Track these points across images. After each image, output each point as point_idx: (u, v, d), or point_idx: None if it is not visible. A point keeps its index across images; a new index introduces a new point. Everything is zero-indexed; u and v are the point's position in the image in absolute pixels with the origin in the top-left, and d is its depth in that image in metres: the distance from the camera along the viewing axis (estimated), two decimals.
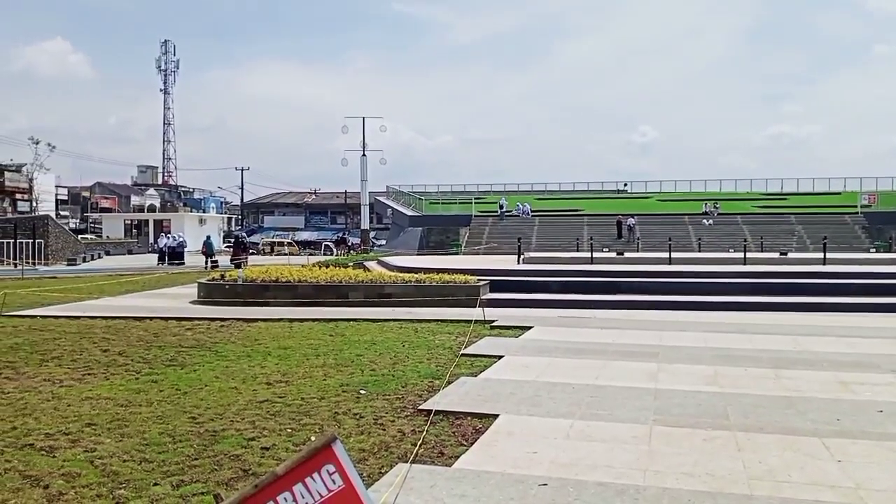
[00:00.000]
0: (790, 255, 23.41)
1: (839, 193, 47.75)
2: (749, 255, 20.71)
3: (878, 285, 15.58)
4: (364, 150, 46.92)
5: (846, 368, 8.25)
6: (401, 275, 17.27)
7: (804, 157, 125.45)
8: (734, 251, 24.75)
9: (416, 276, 16.51)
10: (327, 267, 19.28)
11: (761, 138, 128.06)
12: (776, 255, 23.36)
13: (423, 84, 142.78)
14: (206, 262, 31.24)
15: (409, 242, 43.44)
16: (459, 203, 50.68)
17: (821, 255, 20.21)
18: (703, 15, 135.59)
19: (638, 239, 38.91)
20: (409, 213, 49.80)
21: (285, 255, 45.07)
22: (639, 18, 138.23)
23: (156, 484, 4.58)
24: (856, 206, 44.34)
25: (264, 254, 49.66)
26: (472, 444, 5.39)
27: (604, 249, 29.26)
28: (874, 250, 34.65)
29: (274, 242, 55.51)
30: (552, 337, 10.82)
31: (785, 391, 7.13)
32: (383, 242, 55.61)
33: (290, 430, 5.79)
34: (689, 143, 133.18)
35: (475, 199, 51.07)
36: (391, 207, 53.15)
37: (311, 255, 43.80)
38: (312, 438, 5.40)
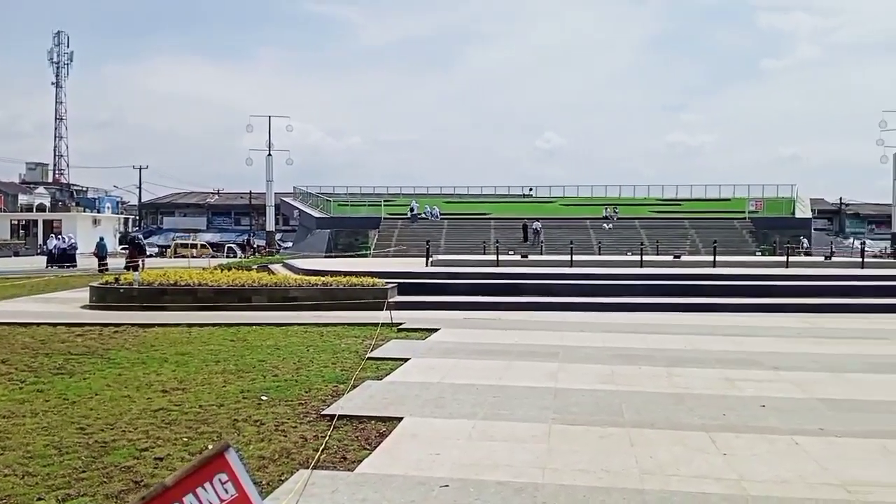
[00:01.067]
0: (683, 257, 24.55)
1: (729, 200, 50.52)
2: (645, 258, 21.57)
3: (762, 286, 16.60)
4: (270, 150, 46.02)
5: (732, 366, 8.73)
6: (307, 277, 17.03)
7: (698, 165, 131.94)
8: (631, 254, 25.74)
9: (322, 278, 16.31)
10: (229, 270, 18.77)
11: (659, 146, 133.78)
12: (670, 257, 24.44)
13: (333, 85, 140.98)
14: (99, 265, 29.79)
15: (316, 245, 42.83)
16: (368, 205, 50.45)
17: (711, 258, 21.29)
18: (606, 27, 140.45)
19: (542, 242, 39.85)
20: (317, 214, 49.12)
21: (194, 257, 43.36)
22: (546, 28, 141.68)
23: (40, 499, 4.34)
24: (744, 212, 47.08)
25: (168, 256, 47.85)
26: (376, 447, 5.37)
27: (509, 252, 29.80)
28: (759, 254, 36.84)
29: (186, 244, 53.49)
30: (458, 339, 10.93)
31: (676, 388, 7.47)
32: (290, 245, 54.59)
33: (186, 440, 5.60)
34: (592, 149, 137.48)
35: (384, 201, 50.96)
36: (298, 209, 52.25)
37: (213, 257, 42.51)
38: (210, 447, 5.25)
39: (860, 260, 22.17)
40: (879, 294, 16.03)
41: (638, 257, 21.62)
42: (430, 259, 22.97)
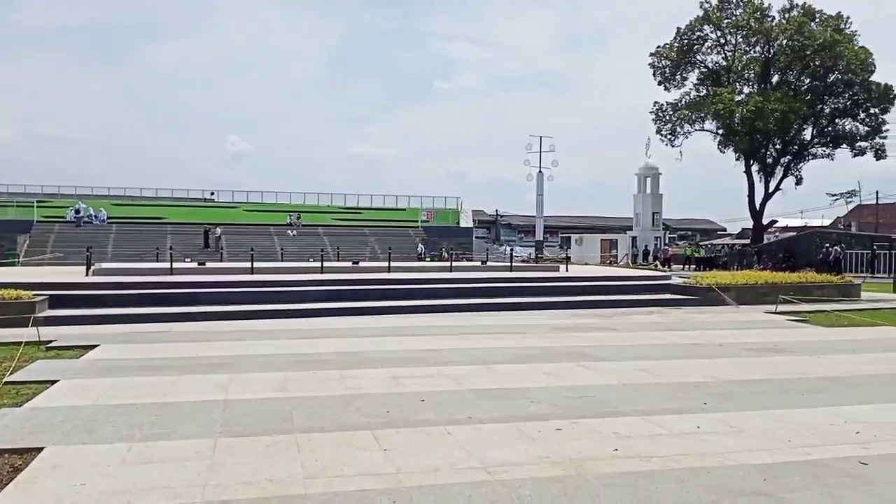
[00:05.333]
0: (362, 263, 25.57)
1: (404, 210, 53.95)
2: (327, 264, 21.99)
3: (429, 289, 17.97)
4: None
5: (399, 364, 9.30)
6: None
7: (381, 177, 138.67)
8: (313, 260, 26.07)
9: None
10: None
11: (345, 157, 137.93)
12: (350, 263, 25.28)
13: None
14: None
15: None
16: (18, 206, 43.95)
17: (387, 263, 22.49)
18: (292, 37, 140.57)
19: (222, 249, 38.52)
20: None
21: None
22: (231, 31, 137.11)
23: None
24: (417, 222, 50.68)
25: None
26: (7, 484, 4.68)
27: (186, 259, 28.23)
28: (429, 259, 39.90)
29: None
30: (120, 355, 10.03)
31: (346, 390, 7.72)
32: None
33: None
34: (278, 156, 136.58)
35: (38, 202, 44.86)
36: None
37: None
38: None
39: (509, 264, 25.22)
40: (523, 294, 18.40)
41: (319, 264, 21.97)
42: (93, 268, 20.78)
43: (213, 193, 55.55)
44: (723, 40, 43.71)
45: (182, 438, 5.78)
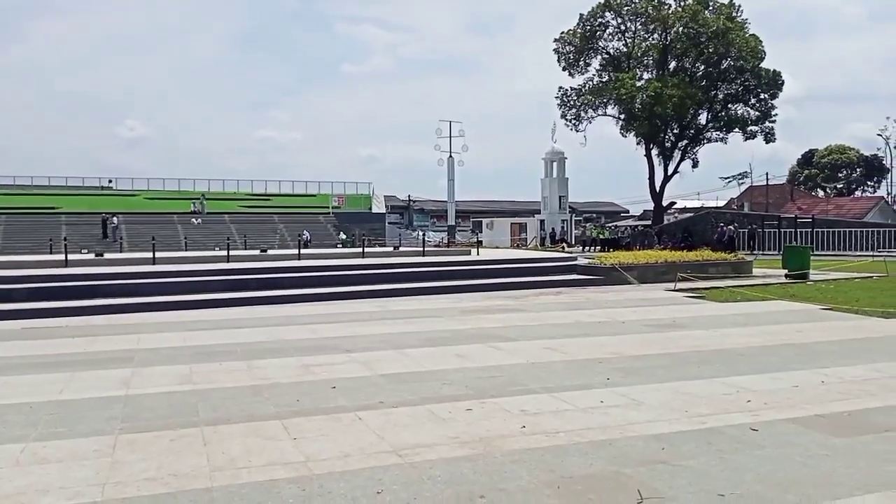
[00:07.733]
0: (270, 251, 25.07)
1: (315, 196, 53.23)
2: (233, 252, 21.48)
3: (340, 276, 17.84)
4: None
5: (310, 352, 9.20)
6: None
7: (289, 162, 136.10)
8: (219, 249, 25.36)
9: None
10: None
11: (250, 141, 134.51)
12: (258, 251, 24.75)
13: None
14: None
15: None
16: None
17: (297, 251, 22.15)
18: (189, 16, 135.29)
19: (121, 239, 36.94)
20: None
21: None
22: (125, 7, 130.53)
23: None
24: (328, 207, 50.06)
25: None
26: None
27: (82, 251, 26.92)
28: (341, 245, 39.57)
29: None
30: (12, 353, 9.51)
31: (255, 380, 7.58)
32: None
33: None
34: (180, 141, 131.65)
35: None
36: None
37: None
38: None
39: (422, 249, 25.32)
40: (435, 278, 18.51)
41: (225, 252, 21.40)
42: None
43: (111, 181, 53.13)
44: (623, 27, 45.08)
45: (80, 437, 5.54)
